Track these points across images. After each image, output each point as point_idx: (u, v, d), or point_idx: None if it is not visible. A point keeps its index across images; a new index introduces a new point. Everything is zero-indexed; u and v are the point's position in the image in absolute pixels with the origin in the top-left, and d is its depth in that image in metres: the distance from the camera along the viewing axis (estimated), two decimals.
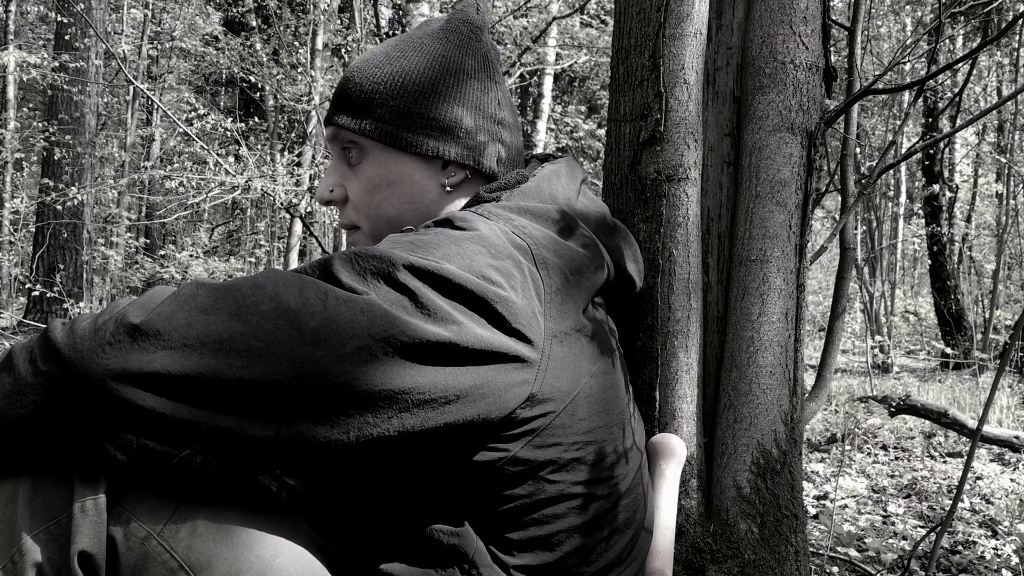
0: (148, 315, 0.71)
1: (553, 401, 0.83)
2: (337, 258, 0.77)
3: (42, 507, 0.70)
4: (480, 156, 1.01)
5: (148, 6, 12.12)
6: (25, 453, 0.70)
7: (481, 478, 0.82)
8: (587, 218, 0.98)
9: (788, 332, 1.27)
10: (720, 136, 1.33)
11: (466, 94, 1.00)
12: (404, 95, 0.98)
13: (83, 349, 0.68)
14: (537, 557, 0.86)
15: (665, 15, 1.24)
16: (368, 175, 1.00)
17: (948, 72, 8.14)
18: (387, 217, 1.01)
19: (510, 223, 0.88)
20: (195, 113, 8.79)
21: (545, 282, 0.84)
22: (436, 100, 0.98)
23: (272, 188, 5.98)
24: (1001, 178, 10.68)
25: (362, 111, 0.98)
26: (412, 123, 0.98)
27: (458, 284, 0.76)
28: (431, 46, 1.01)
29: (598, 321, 0.93)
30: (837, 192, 2.04)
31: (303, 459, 0.72)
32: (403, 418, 0.74)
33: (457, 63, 1.01)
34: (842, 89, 5.11)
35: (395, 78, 0.98)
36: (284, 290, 0.72)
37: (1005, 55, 9.78)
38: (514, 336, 0.78)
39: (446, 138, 0.99)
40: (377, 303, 0.72)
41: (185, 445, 0.69)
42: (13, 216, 9.89)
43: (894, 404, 4.02)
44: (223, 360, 0.69)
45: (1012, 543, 2.54)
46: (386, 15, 7.49)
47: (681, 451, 1.13)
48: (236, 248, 14.67)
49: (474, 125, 1.00)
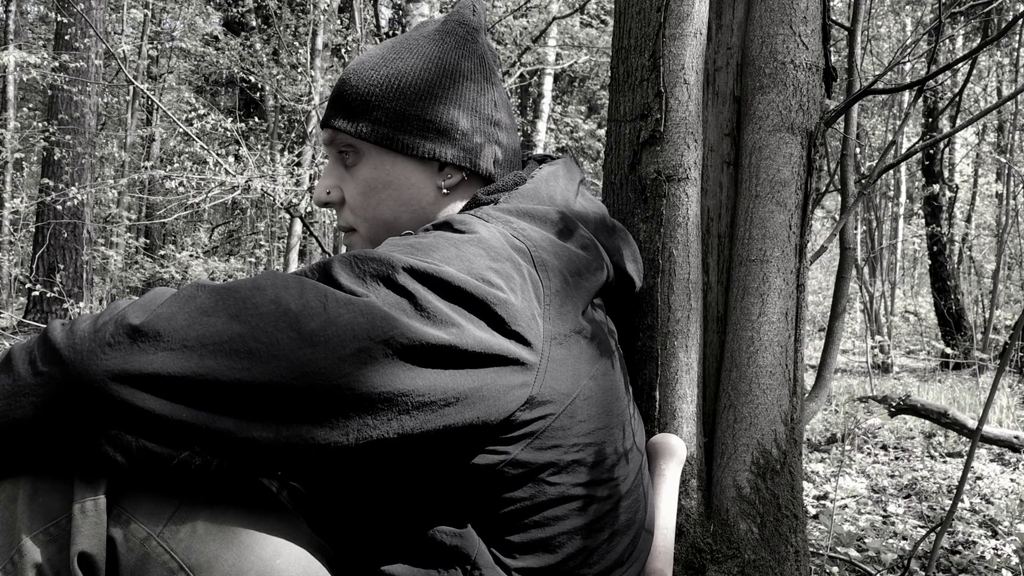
0: (148, 316, 0.70)
1: (553, 403, 0.83)
2: (337, 261, 0.77)
3: (42, 508, 0.70)
4: (477, 158, 1.01)
5: (148, 6, 12.12)
6: (25, 454, 0.70)
7: (481, 481, 0.82)
8: (586, 219, 0.98)
9: (788, 332, 1.27)
10: (720, 136, 1.33)
11: (462, 96, 1.00)
12: (400, 97, 0.98)
13: (83, 350, 0.68)
14: (539, 559, 0.86)
15: (665, 15, 1.24)
16: (365, 177, 1.00)
17: (948, 72, 8.14)
18: (384, 220, 1.01)
19: (509, 225, 0.88)
20: (195, 113, 8.79)
21: (544, 284, 0.84)
22: (432, 102, 0.98)
23: (272, 188, 5.98)
24: (1001, 178, 10.68)
25: (358, 114, 0.98)
26: (408, 125, 0.98)
27: (457, 287, 0.76)
28: (427, 48, 1.01)
29: (597, 322, 0.93)
30: (837, 192, 2.04)
31: (303, 461, 0.72)
32: (402, 420, 0.74)
33: (453, 65, 1.01)
34: (842, 89, 5.10)
35: (391, 80, 0.98)
36: (284, 292, 0.72)
37: (1005, 55, 9.78)
38: (513, 339, 0.78)
39: (442, 140, 0.99)
40: (377, 305, 0.72)
41: (184, 447, 0.69)
42: (13, 216, 9.89)
43: (894, 404, 4.02)
44: (223, 361, 0.69)
45: (1012, 543, 2.54)
46: (386, 15, 7.50)
47: (681, 451, 1.13)
48: (236, 248, 14.67)
49: (470, 127, 1.00)
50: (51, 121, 8.60)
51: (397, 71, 0.99)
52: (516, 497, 0.84)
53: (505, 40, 8.34)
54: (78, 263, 8.55)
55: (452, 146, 0.99)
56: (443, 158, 0.99)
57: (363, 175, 1.01)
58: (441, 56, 1.01)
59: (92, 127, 8.93)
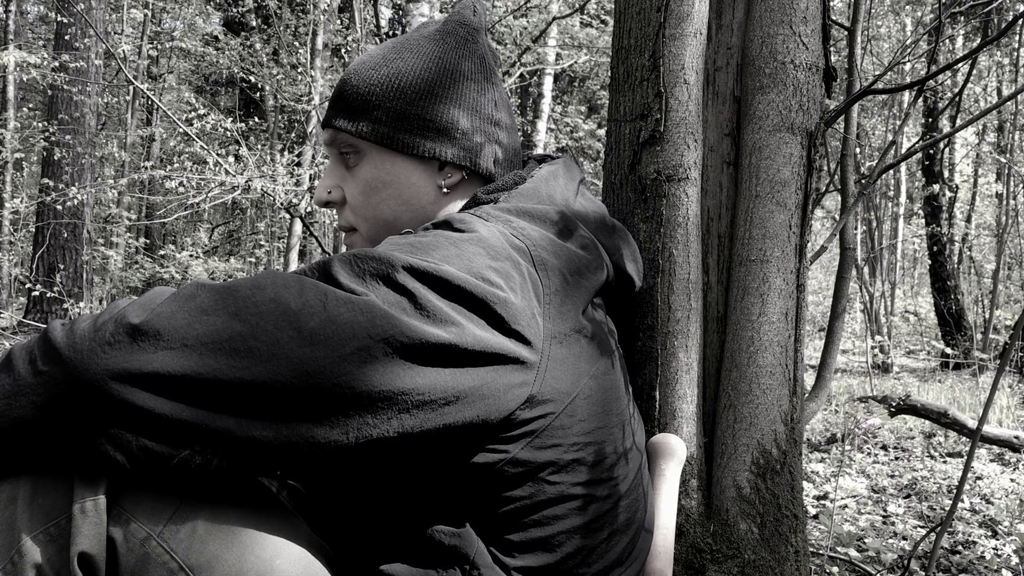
0: (148, 315, 0.71)
1: (552, 402, 0.83)
2: (337, 260, 0.77)
3: (42, 508, 0.70)
4: (477, 157, 1.01)
5: (148, 6, 12.12)
6: (25, 454, 0.70)
7: (481, 480, 0.82)
8: (586, 219, 0.98)
9: (788, 332, 1.27)
10: (720, 136, 1.33)
11: (463, 96, 1.01)
12: (400, 97, 0.98)
13: (83, 349, 0.68)
14: (538, 558, 0.86)
15: (665, 15, 1.23)
16: (365, 177, 1.01)
17: (948, 72, 8.14)
18: (384, 219, 1.02)
19: (508, 224, 0.88)
20: (195, 113, 8.79)
21: (544, 283, 0.84)
22: (432, 102, 0.99)
23: (272, 188, 5.98)
24: (1001, 178, 10.68)
25: (359, 113, 0.99)
26: (408, 125, 0.98)
27: (457, 285, 0.76)
28: (428, 48, 1.01)
29: (597, 322, 0.93)
30: (837, 192, 2.04)
31: (303, 460, 0.72)
32: (402, 419, 0.74)
33: (453, 65, 1.01)
34: (842, 89, 5.11)
35: (391, 80, 0.99)
36: (284, 291, 0.72)
37: (1005, 55, 9.79)
38: (513, 337, 0.78)
39: (443, 139, 0.99)
40: (377, 304, 0.72)
41: (185, 446, 0.69)
42: (13, 216, 9.89)
43: (894, 404, 4.02)
44: (223, 360, 0.69)
45: (1012, 543, 2.54)
46: (386, 15, 7.50)
47: (681, 451, 1.13)
48: (236, 248, 14.67)
49: (471, 126, 1.01)
50: (51, 121, 8.60)
51: (397, 71, 0.99)
52: (515, 496, 0.84)
53: (505, 40, 8.34)
54: (78, 263, 8.55)
55: (452, 145, 0.99)
56: (443, 157, 0.99)
57: (364, 175, 1.01)
58: (442, 56, 1.01)
59: (92, 127, 8.93)
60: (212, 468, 0.70)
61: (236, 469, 0.71)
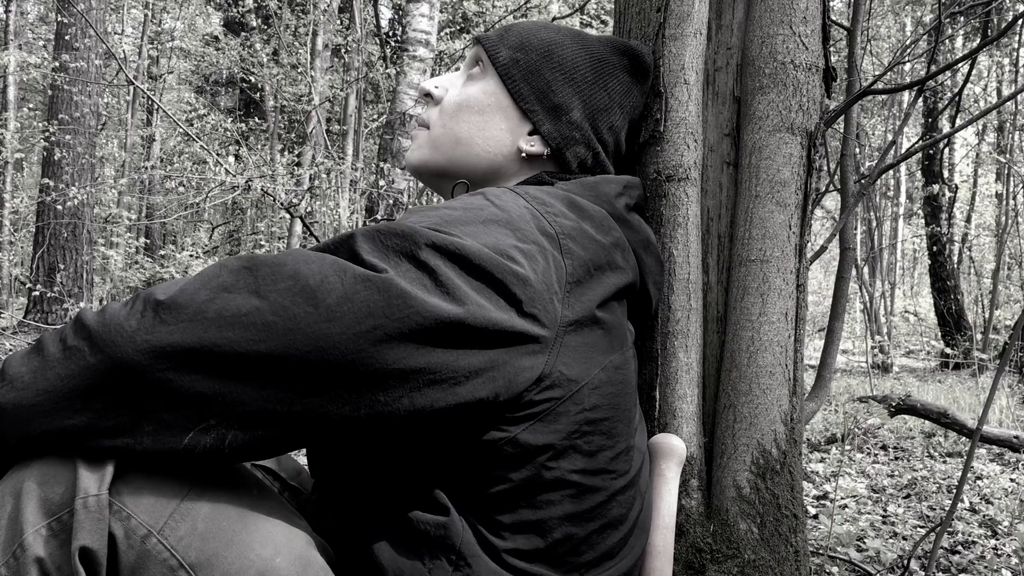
0: (174, 292, 0.73)
1: (560, 387, 0.84)
2: (361, 234, 0.78)
3: (45, 502, 0.70)
4: (566, 146, 1.06)
5: (148, 6, 12.12)
6: (42, 432, 0.71)
7: (478, 456, 0.83)
8: (629, 227, 1.01)
9: (788, 332, 1.27)
10: (720, 136, 1.33)
11: (592, 98, 1.07)
12: (546, 61, 1.06)
13: (111, 324, 0.71)
14: (528, 541, 0.86)
15: (665, 15, 1.24)
16: (471, 92, 1.07)
17: (948, 72, 8.14)
18: (457, 136, 1.07)
19: (547, 209, 0.89)
20: (195, 113, 8.79)
21: (568, 270, 0.85)
22: (566, 83, 1.06)
23: (272, 188, 5.98)
24: (1001, 178, 10.69)
25: (508, 46, 1.07)
26: (535, 81, 1.05)
27: (478, 264, 0.77)
28: (595, 48, 1.10)
29: (617, 318, 0.94)
30: (837, 192, 2.05)
31: (313, 435, 0.73)
32: (413, 397, 0.74)
33: (605, 75, 1.09)
34: (842, 89, 5.11)
35: (552, 47, 1.07)
36: (304, 267, 0.73)
37: (1005, 55, 9.79)
38: (529, 319, 0.79)
39: (550, 113, 1.05)
40: (396, 282, 0.73)
41: (199, 419, 0.70)
42: (13, 216, 9.89)
43: (894, 404, 4.03)
44: (239, 333, 0.70)
45: (1012, 543, 2.54)
46: (386, 15, 7.50)
47: (681, 451, 1.13)
48: (236, 248, 14.67)
49: (581, 121, 1.06)
50: (51, 121, 8.60)
51: (560, 43, 1.08)
52: (510, 477, 0.84)
53: None
54: (78, 263, 8.55)
55: (554, 122, 1.05)
56: (539, 124, 1.05)
57: (471, 91, 1.08)
58: (602, 58, 1.09)
59: (92, 127, 8.93)
60: (226, 445, 0.71)
61: (248, 446, 0.72)
